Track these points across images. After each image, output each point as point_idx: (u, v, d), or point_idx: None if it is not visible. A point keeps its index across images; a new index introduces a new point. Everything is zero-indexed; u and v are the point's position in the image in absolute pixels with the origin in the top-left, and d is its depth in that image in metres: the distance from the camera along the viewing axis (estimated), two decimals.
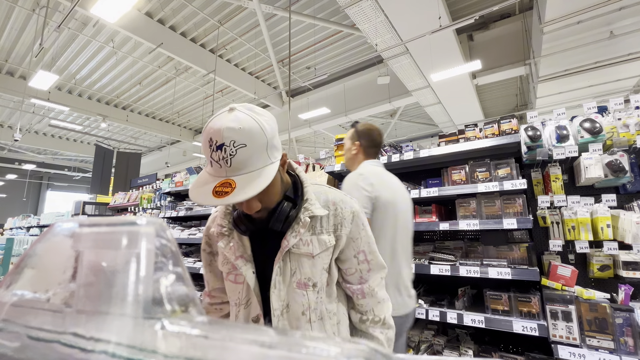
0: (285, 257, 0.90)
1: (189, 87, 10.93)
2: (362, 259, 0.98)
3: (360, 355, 0.19)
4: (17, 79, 9.99)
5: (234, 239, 0.93)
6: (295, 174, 0.99)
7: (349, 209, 0.96)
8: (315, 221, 0.92)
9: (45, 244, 0.33)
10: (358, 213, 0.98)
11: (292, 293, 0.90)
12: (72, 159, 18.39)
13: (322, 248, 0.91)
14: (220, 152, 0.74)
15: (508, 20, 7.53)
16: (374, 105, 9.61)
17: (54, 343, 0.25)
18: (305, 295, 0.90)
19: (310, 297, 0.91)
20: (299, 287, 0.90)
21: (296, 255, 0.90)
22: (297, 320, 0.90)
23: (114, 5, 4.80)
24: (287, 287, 0.90)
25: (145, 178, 6.22)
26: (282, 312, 0.89)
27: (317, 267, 0.91)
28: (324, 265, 0.93)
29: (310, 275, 0.91)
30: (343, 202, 0.97)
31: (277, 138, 0.84)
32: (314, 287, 0.91)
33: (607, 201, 1.88)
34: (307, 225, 0.89)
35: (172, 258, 0.28)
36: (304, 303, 0.90)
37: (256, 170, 0.75)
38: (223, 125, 0.75)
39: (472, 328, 2.23)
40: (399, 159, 2.46)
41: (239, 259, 0.91)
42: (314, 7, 7.22)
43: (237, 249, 0.92)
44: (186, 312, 0.26)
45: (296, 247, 0.90)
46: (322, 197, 0.96)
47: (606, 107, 2.11)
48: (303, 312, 0.90)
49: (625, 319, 1.58)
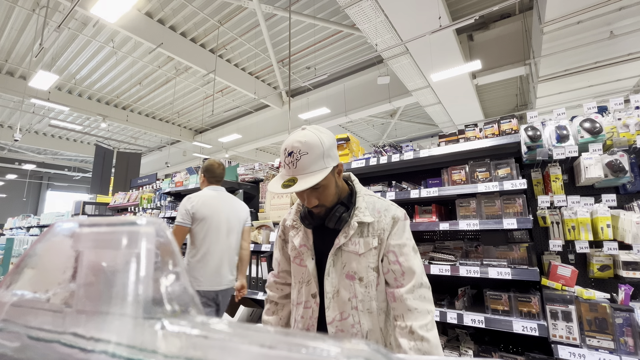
0: (337, 252, 1.12)
1: (189, 87, 10.94)
2: (393, 259, 1.10)
3: (360, 355, 0.19)
4: (17, 79, 9.99)
5: (301, 231, 1.20)
6: (352, 184, 1.21)
7: (390, 214, 1.14)
8: (363, 226, 1.12)
9: (45, 244, 0.33)
10: (398, 219, 1.14)
11: (342, 282, 1.11)
12: (72, 159, 18.39)
13: (367, 248, 1.10)
14: (290, 157, 1.01)
15: (508, 20, 7.53)
16: (374, 105, 9.61)
17: (54, 343, 0.25)
18: (352, 285, 1.10)
19: (357, 288, 1.09)
20: (347, 277, 1.11)
21: (346, 252, 1.11)
22: (344, 304, 1.09)
23: (114, 5, 4.80)
24: (338, 276, 1.12)
25: (145, 178, 6.22)
26: (333, 295, 1.11)
27: (362, 264, 1.10)
28: (370, 264, 1.10)
29: (356, 270, 1.10)
30: (387, 210, 1.15)
31: (334, 150, 1.08)
32: (361, 280, 1.10)
33: (607, 201, 1.88)
34: (355, 229, 1.10)
35: (172, 258, 0.28)
36: (350, 291, 1.09)
37: (314, 172, 1.01)
38: (294, 139, 1.03)
39: (472, 328, 2.23)
40: (399, 159, 2.46)
41: (303, 247, 1.17)
42: (314, 7, 7.22)
43: (302, 239, 1.18)
44: (186, 312, 0.26)
45: (345, 246, 1.11)
46: (371, 206, 1.16)
47: (606, 107, 2.11)
48: (349, 298, 1.09)
49: (625, 319, 1.58)
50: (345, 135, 2.96)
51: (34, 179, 18.76)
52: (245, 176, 3.54)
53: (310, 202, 1.07)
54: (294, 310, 1.23)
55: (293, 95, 11.25)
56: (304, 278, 1.18)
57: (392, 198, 2.41)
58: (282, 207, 3.02)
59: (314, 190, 1.06)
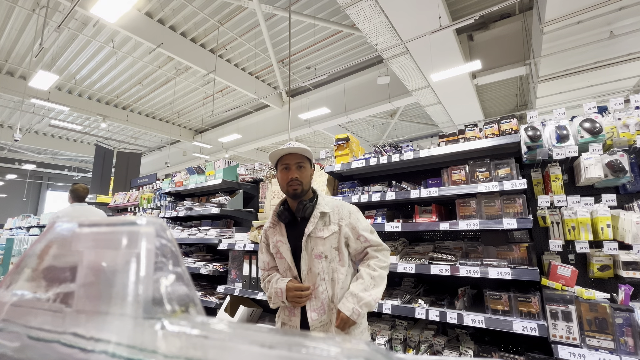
0: (307, 239, 1.50)
1: (189, 87, 10.94)
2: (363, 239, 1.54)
3: (360, 355, 0.19)
4: (17, 79, 9.99)
5: (278, 229, 1.58)
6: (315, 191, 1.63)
7: (346, 209, 1.57)
8: (324, 216, 1.53)
9: (45, 244, 0.33)
10: (354, 212, 1.58)
11: (312, 261, 1.49)
12: (72, 159, 18.38)
13: (329, 233, 1.50)
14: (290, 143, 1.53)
15: (508, 20, 7.53)
16: (374, 105, 9.61)
17: (54, 343, 0.25)
18: (320, 262, 1.48)
19: (324, 264, 1.48)
20: (316, 257, 1.49)
21: (313, 238, 1.50)
22: (315, 277, 1.47)
23: (114, 5, 4.80)
24: (309, 257, 1.49)
25: (145, 178, 6.22)
26: (307, 272, 1.49)
27: (327, 246, 1.49)
28: (332, 245, 1.50)
29: (322, 250, 1.49)
30: (342, 205, 1.59)
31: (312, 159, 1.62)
32: (326, 258, 1.49)
33: (607, 201, 1.88)
34: (317, 217, 1.51)
35: (172, 258, 0.28)
36: (319, 267, 1.48)
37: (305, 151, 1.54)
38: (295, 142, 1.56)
39: (472, 328, 2.23)
40: (399, 159, 2.46)
41: (279, 242, 1.55)
42: (314, 7, 7.22)
43: (279, 235, 1.56)
44: (186, 312, 0.26)
45: (313, 233, 1.50)
46: (330, 203, 1.59)
47: (606, 107, 2.11)
48: (319, 273, 1.48)
49: (625, 319, 1.58)
50: (345, 135, 2.96)
51: (34, 179, 18.76)
52: (245, 176, 3.54)
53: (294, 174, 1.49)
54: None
55: (293, 95, 11.25)
56: (285, 267, 1.54)
57: (392, 198, 2.41)
58: None
59: (299, 167, 1.51)
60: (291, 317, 1.51)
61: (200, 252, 3.82)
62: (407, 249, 2.51)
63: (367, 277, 1.47)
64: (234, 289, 2.95)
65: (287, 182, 1.50)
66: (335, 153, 2.93)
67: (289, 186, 1.51)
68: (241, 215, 3.37)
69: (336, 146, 2.94)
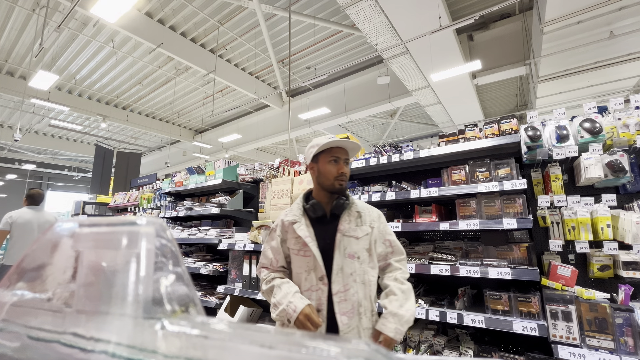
0: (341, 237, 1.42)
1: (189, 87, 10.93)
2: (389, 244, 1.53)
3: (360, 355, 0.19)
4: (17, 79, 9.98)
5: (303, 224, 1.45)
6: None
7: (375, 212, 1.55)
8: (359, 216, 1.48)
9: (46, 244, 0.33)
10: (381, 215, 1.57)
11: (345, 260, 1.40)
12: (72, 159, 18.39)
13: (363, 234, 1.45)
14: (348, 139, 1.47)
15: (508, 20, 7.53)
16: (374, 105, 9.61)
17: (54, 343, 0.25)
18: (353, 263, 1.41)
19: (356, 265, 1.41)
20: (349, 257, 1.41)
21: (347, 237, 1.42)
22: (346, 278, 1.39)
23: (114, 5, 4.79)
24: (341, 257, 1.40)
25: (145, 178, 6.22)
26: (337, 272, 1.39)
27: (360, 246, 1.43)
28: (364, 247, 1.44)
29: (355, 251, 1.42)
30: (370, 208, 1.56)
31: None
32: (358, 259, 1.42)
33: (607, 201, 1.88)
34: (354, 216, 1.46)
35: (172, 258, 0.28)
36: (351, 267, 1.40)
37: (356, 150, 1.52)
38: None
39: (472, 328, 2.23)
40: (399, 159, 2.46)
41: (308, 237, 1.41)
42: (314, 7, 7.22)
43: (306, 231, 1.43)
44: (186, 312, 0.26)
45: (347, 232, 1.43)
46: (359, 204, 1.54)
47: (606, 107, 2.11)
48: (351, 273, 1.40)
49: (625, 319, 1.58)
50: (345, 135, 2.96)
51: (34, 179, 18.75)
52: (245, 176, 3.54)
53: (344, 169, 1.44)
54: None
55: (293, 95, 11.25)
56: (309, 266, 1.41)
57: (392, 198, 2.41)
58: (282, 207, 3.02)
59: (346, 163, 1.47)
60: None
61: (200, 252, 3.82)
62: (407, 249, 2.51)
63: (399, 292, 1.42)
64: (234, 289, 2.95)
65: (336, 175, 1.43)
66: None
67: (336, 180, 1.43)
68: (241, 215, 3.37)
69: None
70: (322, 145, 1.44)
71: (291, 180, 3.06)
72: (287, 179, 3.08)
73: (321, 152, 1.47)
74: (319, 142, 1.46)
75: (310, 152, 1.48)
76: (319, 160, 1.48)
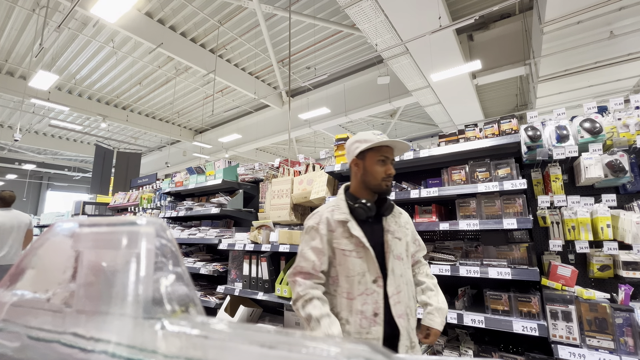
0: (392, 239, 1.39)
1: (189, 87, 10.94)
2: (418, 243, 1.59)
3: (361, 355, 0.19)
4: (17, 79, 9.98)
5: (354, 224, 1.35)
6: None
7: (406, 214, 1.56)
8: (399, 217, 1.48)
9: (45, 244, 0.33)
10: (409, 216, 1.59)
11: (394, 262, 1.37)
12: (72, 159, 18.38)
13: (403, 235, 1.44)
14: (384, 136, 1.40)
15: (508, 20, 7.53)
16: (374, 105, 9.61)
17: (54, 343, 0.25)
18: (400, 264, 1.39)
19: (402, 266, 1.40)
20: (397, 258, 1.38)
21: (395, 238, 1.40)
22: (398, 279, 1.36)
23: (114, 5, 4.80)
24: (392, 258, 1.37)
25: (145, 178, 6.22)
26: (390, 273, 1.35)
27: (402, 248, 1.42)
28: (404, 247, 1.44)
29: (400, 252, 1.40)
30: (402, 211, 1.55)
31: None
32: (402, 260, 1.41)
33: (607, 201, 1.88)
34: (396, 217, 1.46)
35: (172, 258, 0.28)
36: (400, 269, 1.39)
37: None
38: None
39: (472, 328, 2.23)
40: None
41: (364, 238, 1.33)
42: (314, 7, 7.22)
43: (358, 230, 1.34)
44: (186, 312, 0.26)
45: (394, 233, 1.41)
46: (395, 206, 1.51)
47: (606, 107, 2.11)
48: (401, 274, 1.38)
49: (625, 319, 1.58)
50: (345, 135, 2.96)
51: (34, 179, 18.76)
52: (245, 176, 3.54)
53: (392, 170, 1.40)
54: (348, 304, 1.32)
55: (293, 95, 11.25)
56: (363, 268, 1.33)
57: (392, 198, 2.41)
58: (281, 207, 3.02)
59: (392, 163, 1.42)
60: (372, 326, 1.28)
61: (200, 252, 3.82)
62: None
63: (435, 287, 1.50)
64: (234, 289, 2.95)
65: (384, 176, 1.38)
66: (335, 153, 2.93)
67: (383, 181, 1.38)
68: (241, 215, 3.37)
69: (336, 146, 2.94)
70: (372, 142, 1.35)
71: (291, 180, 3.06)
72: (287, 179, 3.08)
73: (369, 150, 1.39)
74: (367, 137, 1.38)
75: (356, 147, 1.40)
76: (366, 157, 1.40)
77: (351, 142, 1.44)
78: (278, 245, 2.72)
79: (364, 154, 1.40)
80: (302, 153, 15.82)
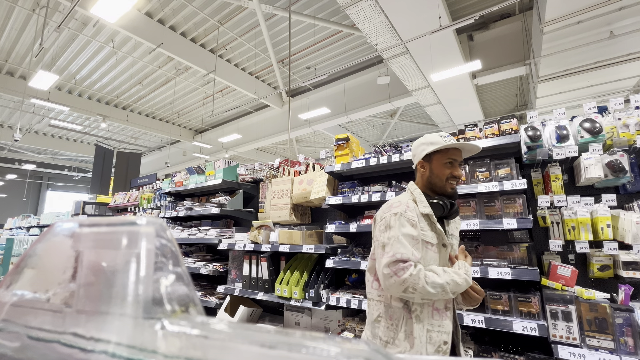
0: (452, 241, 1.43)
1: (189, 87, 10.94)
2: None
3: (360, 355, 0.19)
4: (17, 79, 9.98)
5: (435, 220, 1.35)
6: None
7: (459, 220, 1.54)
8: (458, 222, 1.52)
9: (45, 244, 0.33)
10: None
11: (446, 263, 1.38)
12: (72, 159, 18.39)
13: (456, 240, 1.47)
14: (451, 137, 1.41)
15: (508, 20, 7.53)
16: (374, 105, 9.61)
17: (54, 343, 0.25)
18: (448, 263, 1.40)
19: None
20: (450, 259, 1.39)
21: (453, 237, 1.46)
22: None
23: (114, 5, 4.80)
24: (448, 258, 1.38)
25: (145, 178, 6.22)
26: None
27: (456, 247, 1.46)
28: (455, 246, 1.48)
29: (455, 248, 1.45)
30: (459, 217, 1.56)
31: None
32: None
33: (607, 201, 1.88)
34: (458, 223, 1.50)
35: (172, 258, 0.28)
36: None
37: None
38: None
39: (472, 328, 2.23)
40: (399, 158, 2.46)
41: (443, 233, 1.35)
42: (314, 7, 7.22)
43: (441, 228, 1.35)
44: (186, 312, 0.26)
45: (452, 235, 1.45)
46: None
47: (606, 107, 2.11)
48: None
49: (625, 319, 1.58)
50: (345, 135, 2.96)
51: (34, 179, 18.76)
52: (245, 176, 3.54)
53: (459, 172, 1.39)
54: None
55: (293, 95, 11.25)
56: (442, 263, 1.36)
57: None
58: (281, 207, 3.02)
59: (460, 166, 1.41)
60: (443, 320, 1.28)
61: (200, 252, 3.82)
62: None
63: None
64: (234, 289, 2.95)
65: (450, 178, 1.37)
66: (335, 153, 2.94)
67: (448, 182, 1.37)
68: (241, 215, 3.37)
69: (336, 146, 2.94)
70: (440, 145, 1.35)
71: (291, 180, 3.06)
72: (287, 179, 3.08)
73: (435, 152, 1.39)
74: (434, 140, 1.37)
75: (423, 150, 1.41)
76: (433, 159, 1.40)
77: (418, 144, 1.47)
78: (278, 245, 2.72)
79: (430, 156, 1.40)
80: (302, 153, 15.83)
